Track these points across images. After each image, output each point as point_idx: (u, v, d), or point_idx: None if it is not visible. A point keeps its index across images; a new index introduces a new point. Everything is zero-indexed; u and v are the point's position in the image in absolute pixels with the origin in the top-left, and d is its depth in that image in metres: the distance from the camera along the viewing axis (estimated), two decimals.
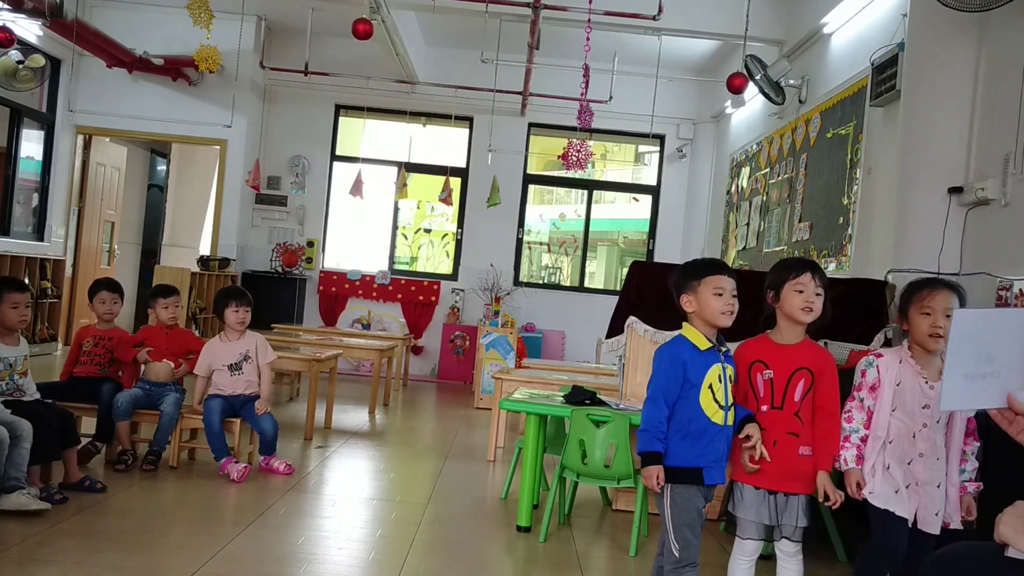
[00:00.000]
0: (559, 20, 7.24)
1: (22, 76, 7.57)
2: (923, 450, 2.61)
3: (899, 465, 2.63)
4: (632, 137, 10.16)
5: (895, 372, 2.67)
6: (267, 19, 9.33)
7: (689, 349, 2.61)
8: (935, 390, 2.60)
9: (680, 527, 2.58)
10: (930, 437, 2.61)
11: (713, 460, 2.59)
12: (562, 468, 3.84)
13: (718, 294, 2.60)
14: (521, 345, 8.27)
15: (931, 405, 2.61)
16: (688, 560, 2.57)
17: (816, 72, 6.86)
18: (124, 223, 10.72)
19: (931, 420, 2.62)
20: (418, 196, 10.37)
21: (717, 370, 2.60)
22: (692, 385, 2.58)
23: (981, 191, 4.21)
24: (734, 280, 2.65)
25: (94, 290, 4.64)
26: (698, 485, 2.59)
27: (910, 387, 2.64)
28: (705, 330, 2.64)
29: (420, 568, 3.28)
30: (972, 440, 2.70)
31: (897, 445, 2.63)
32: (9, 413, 3.52)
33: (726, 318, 2.61)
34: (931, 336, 2.62)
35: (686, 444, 2.58)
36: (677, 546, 2.57)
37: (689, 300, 2.65)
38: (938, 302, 2.63)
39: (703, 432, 2.57)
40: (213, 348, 4.63)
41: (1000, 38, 4.27)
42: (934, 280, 2.74)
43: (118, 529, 3.43)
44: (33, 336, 8.03)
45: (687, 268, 2.71)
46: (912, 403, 2.64)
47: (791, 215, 6.99)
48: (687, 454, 2.58)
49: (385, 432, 6.27)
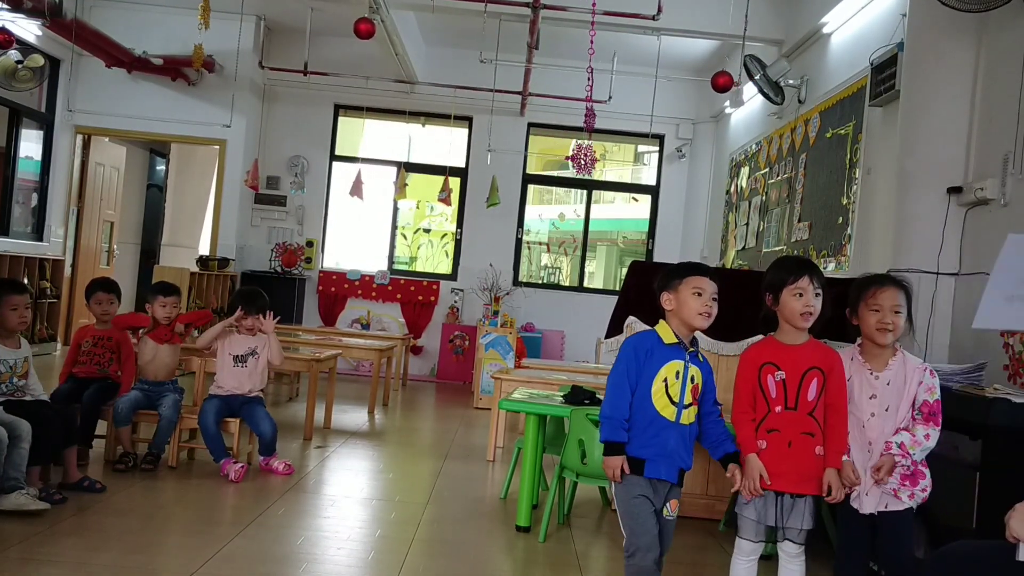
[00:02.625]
0: (558, 20, 7.24)
1: (21, 76, 7.57)
2: (872, 438, 2.70)
3: (860, 455, 2.71)
4: (631, 137, 10.16)
5: (847, 369, 2.75)
6: (266, 19, 9.33)
7: (654, 340, 2.64)
8: (880, 379, 2.71)
9: (624, 514, 2.62)
10: (878, 426, 2.70)
11: (657, 453, 2.59)
12: (561, 468, 3.84)
13: (697, 294, 2.61)
14: (520, 345, 8.27)
15: (876, 395, 2.71)
16: (635, 546, 2.58)
17: (815, 72, 6.86)
18: (123, 223, 10.71)
19: (878, 409, 2.71)
20: (417, 196, 10.37)
21: (676, 366, 2.61)
22: (646, 375, 2.60)
23: (980, 191, 4.21)
24: (716, 284, 2.65)
25: (90, 291, 4.62)
26: (639, 475, 2.59)
27: (858, 381, 2.74)
28: (678, 329, 2.64)
29: (419, 568, 3.27)
30: (930, 424, 2.65)
31: (853, 436, 2.71)
32: (7, 414, 3.52)
33: (702, 319, 2.61)
34: (879, 330, 2.70)
35: (634, 433, 2.60)
36: (625, 533, 2.63)
37: (669, 298, 2.66)
38: (886, 299, 2.70)
39: (650, 423, 2.59)
40: (229, 334, 4.65)
41: (999, 38, 4.27)
42: (882, 277, 2.82)
43: (117, 529, 3.43)
44: (32, 336, 8.03)
45: (672, 269, 2.74)
46: (860, 395, 2.73)
47: (790, 215, 7.00)
48: (633, 442, 2.60)
49: (384, 432, 6.27)
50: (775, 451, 2.64)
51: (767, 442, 2.65)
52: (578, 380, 5.15)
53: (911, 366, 2.72)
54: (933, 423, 2.69)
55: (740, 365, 2.76)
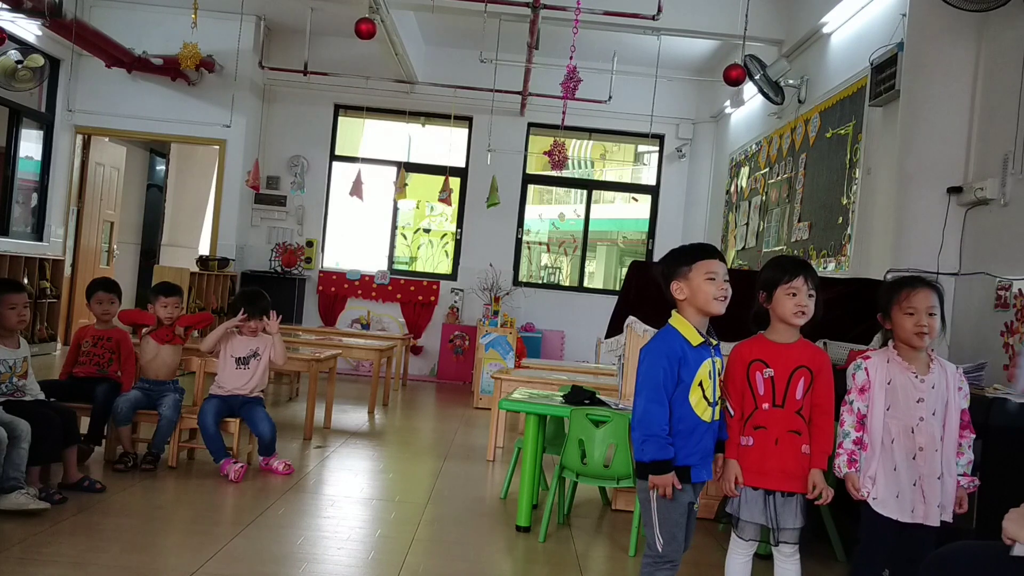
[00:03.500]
0: (558, 20, 7.24)
1: (21, 76, 7.56)
2: (922, 443, 2.64)
3: (905, 462, 2.65)
4: (631, 137, 10.15)
5: (884, 372, 2.71)
6: (266, 19, 9.33)
7: (682, 344, 2.51)
8: (925, 383, 2.66)
9: (667, 523, 2.52)
10: (927, 430, 2.64)
11: (701, 458, 2.55)
12: (561, 468, 3.84)
13: (711, 279, 2.50)
14: (520, 345, 8.27)
15: (924, 398, 2.65)
16: (670, 557, 2.53)
17: (815, 72, 6.86)
18: (123, 223, 10.71)
19: (927, 413, 2.65)
20: (417, 196, 10.37)
21: (708, 366, 2.53)
22: (684, 383, 2.50)
23: (980, 191, 4.21)
24: (725, 264, 2.58)
25: (91, 291, 4.63)
26: (686, 482, 2.54)
27: (901, 384, 2.68)
28: (696, 320, 2.54)
29: (419, 568, 3.27)
30: (968, 432, 2.72)
31: (899, 443, 2.65)
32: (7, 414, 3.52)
33: (719, 304, 2.50)
34: (917, 334, 2.66)
35: (676, 442, 2.51)
36: (662, 540, 2.52)
37: (680, 287, 2.53)
38: (920, 301, 2.67)
39: (692, 430, 2.51)
40: (231, 336, 4.66)
41: (999, 38, 4.27)
42: (913, 279, 2.77)
43: (117, 529, 3.43)
44: (32, 336, 8.03)
45: (676, 253, 2.61)
46: (906, 399, 2.67)
47: (790, 215, 7.00)
48: (677, 452, 2.51)
49: (384, 432, 6.27)
50: (762, 448, 2.63)
51: (754, 439, 2.64)
52: (578, 380, 5.15)
53: (950, 371, 2.70)
54: (970, 431, 2.71)
55: (729, 362, 2.74)
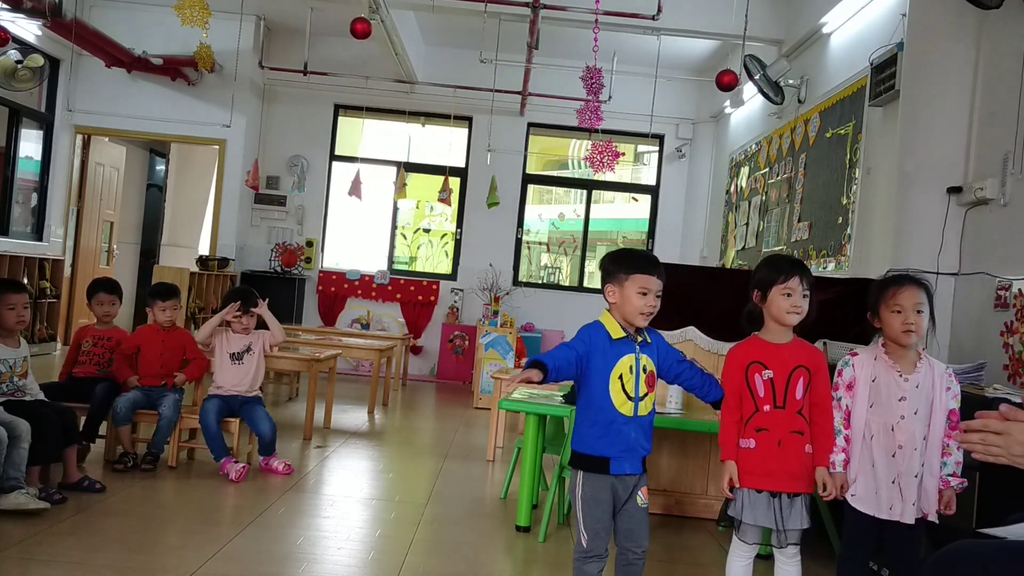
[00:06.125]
0: (558, 20, 7.24)
1: (21, 76, 7.57)
2: (902, 442, 2.64)
3: (884, 459, 2.66)
4: (631, 137, 10.14)
5: (870, 369, 2.72)
6: (266, 19, 9.33)
7: (603, 336, 2.59)
8: (909, 382, 2.66)
9: (590, 519, 2.58)
10: (908, 428, 2.64)
11: (621, 450, 2.57)
12: (561, 468, 3.84)
13: (642, 293, 2.57)
14: (520, 345, 8.27)
15: (907, 397, 2.65)
16: (595, 551, 2.57)
17: (815, 72, 6.86)
18: (123, 223, 10.71)
19: (908, 411, 2.65)
20: (417, 196, 10.37)
21: (629, 361, 2.58)
22: (599, 372, 2.56)
23: (980, 191, 4.21)
24: (662, 282, 2.61)
25: (92, 291, 4.62)
26: (604, 474, 2.57)
27: (885, 382, 2.69)
28: (623, 322, 2.61)
29: (419, 568, 3.27)
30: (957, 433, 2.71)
31: (879, 440, 2.67)
32: (7, 414, 3.52)
33: (643, 319, 2.58)
34: (904, 332, 2.66)
35: (595, 432, 2.58)
36: (586, 536, 2.57)
37: (613, 291, 2.61)
38: (907, 298, 2.66)
39: (610, 422, 2.56)
40: (224, 333, 4.68)
41: (999, 38, 4.27)
42: (901, 277, 2.76)
43: (117, 529, 3.43)
44: (32, 336, 8.03)
45: (619, 257, 2.67)
46: (888, 397, 2.67)
47: (790, 215, 7.00)
48: (596, 443, 2.57)
49: (384, 432, 6.27)
50: (765, 450, 2.63)
51: (756, 441, 2.64)
52: None
53: (938, 370, 2.70)
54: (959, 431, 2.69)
55: (726, 364, 2.74)
